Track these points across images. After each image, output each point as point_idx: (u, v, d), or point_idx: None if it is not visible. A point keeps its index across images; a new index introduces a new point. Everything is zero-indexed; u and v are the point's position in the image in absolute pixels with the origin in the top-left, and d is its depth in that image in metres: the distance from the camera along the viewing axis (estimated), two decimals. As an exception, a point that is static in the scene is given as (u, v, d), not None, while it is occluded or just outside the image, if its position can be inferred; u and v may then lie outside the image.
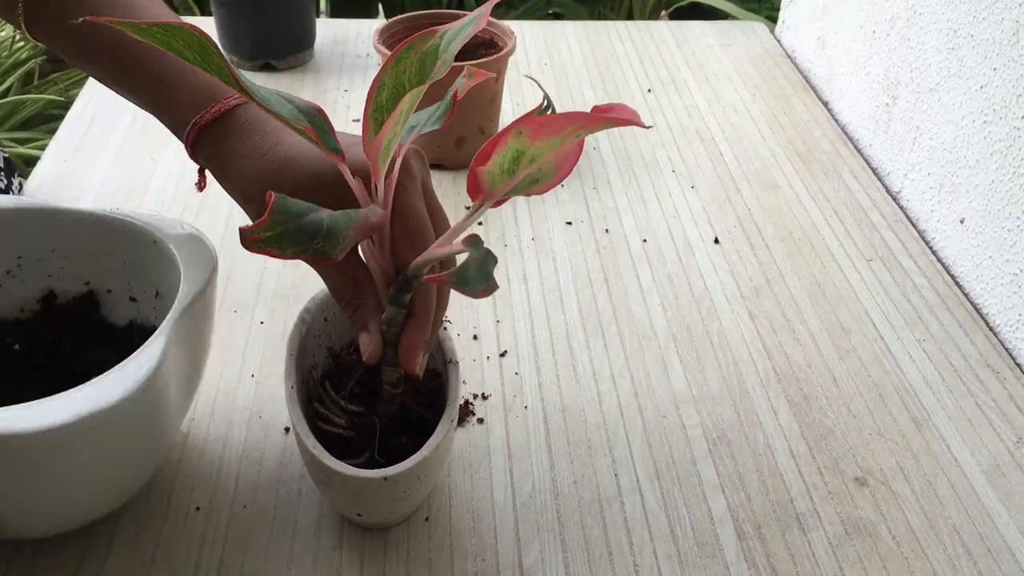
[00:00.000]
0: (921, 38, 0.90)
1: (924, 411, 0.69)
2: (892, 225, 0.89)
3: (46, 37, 0.60)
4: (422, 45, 0.46)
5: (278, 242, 0.41)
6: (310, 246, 0.42)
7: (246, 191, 0.54)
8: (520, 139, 0.42)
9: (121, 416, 0.47)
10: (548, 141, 0.42)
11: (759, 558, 0.58)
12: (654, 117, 1.06)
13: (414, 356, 0.51)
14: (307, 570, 0.56)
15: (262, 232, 0.40)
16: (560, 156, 0.44)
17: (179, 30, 0.41)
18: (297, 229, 0.41)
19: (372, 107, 0.46)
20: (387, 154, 0.46)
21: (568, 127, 0.41)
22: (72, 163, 0.94)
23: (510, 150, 0.43)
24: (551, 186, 0.46)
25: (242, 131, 0.55)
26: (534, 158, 0.43)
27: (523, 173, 0.44)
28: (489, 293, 0.44)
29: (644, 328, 0.76)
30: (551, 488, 0.62)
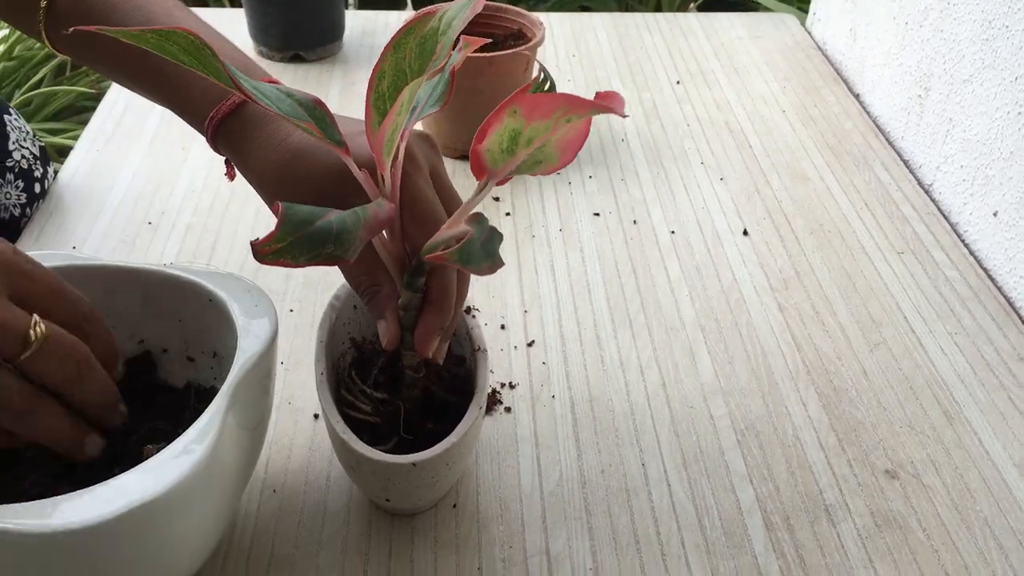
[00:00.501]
0: (955, 29, 0.89)
1: (956, 404, 0.68)
2: (924, 218, 0.88)
3: (67, 47, 0.62)
4: (421, 28, 0.45)
5: (291, 252, 0.41)
6: (322, 252, 0.41)
7: (262, 180, 0.55)
8: (516, 118, 0.42)
9: (172, 504, 0.44)
10: (542, 123, 0.42)
11: (787, 549, 0.58)
12: (683, 109, 1.06)
13: (429, 341, 0.51)
14: (336, 555, 0.57)
15: (274, 244, 0.40)
16: (563, 141, 0.44)
17: (171, 34, 0.41)
18: (308, 236, 0.41)
19: (374, 96, 0.46)
20: (391, 144, 0.45)
21: (558, 109, 0.41)
22: (105, 153, 0.95)
23: (507, 129, 0.42)
24: (555, 168, 0.45)
25: (257, 121, 0.56)
26: (531, 139, 0.42)
27: (522, 153, 0.43)
28: (494, 270, 0.44)
29: (672, 319, 0.76)
30: (578, 477, 0.62)
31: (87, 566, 0.44)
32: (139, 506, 0.42)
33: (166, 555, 0.48)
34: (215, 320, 0.55)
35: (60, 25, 0.61)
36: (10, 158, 0.81)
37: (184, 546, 0.49)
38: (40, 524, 0.41)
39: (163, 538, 0.46)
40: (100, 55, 0.60)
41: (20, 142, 0.82)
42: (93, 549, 0.43)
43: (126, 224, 0.84)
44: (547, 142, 0.43)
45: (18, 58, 1.67)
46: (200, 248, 0.81)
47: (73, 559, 0.43)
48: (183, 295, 0.56)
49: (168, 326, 0.58)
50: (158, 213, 0.86)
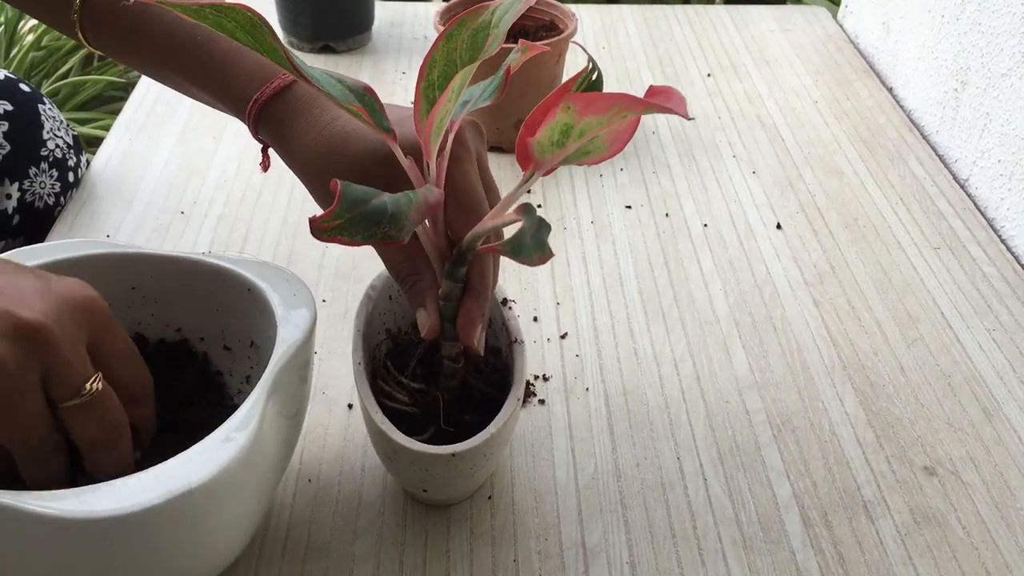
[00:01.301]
0: (993, 22, 0.88)
1: (995, 401, 0.68)
2: (960, 213, 0.87)
3: (101, 38, 0.62)
4: (473, 21, 0.46)
5: (348, 229, 0.41)
6: (377, 231, 0.42)
7: (306, 165, 0.55)
8: (569, 113, 0.42)
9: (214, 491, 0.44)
10: (596, 118, 0.42)
11: (826, 545, 0.57)
12: (714, 102, 1.05)
13: (472, 329, 0.51)
14: (372, 545, 0.57)
15: (332, 221, 0.40)
16: (613, 132, 0.44)
17: (230, 10, 0.41)
18: (363, 215, 0.41)
19: (424, 84, 0.46)
20: (439, 133, 0.46)
21: (614, 107, 0.41)
22: (137, 142, 0.95)
23: (559, 123, 0.42)
24: (604, 159, 0.45)
25: (301, 105, 0.55)
26: (583, 132, 0.42)
27: (573, 146, 0.43)
28: (545, 261, 0.44)
29: (706, 313, 0.75)
30: (613, 470, 0.62)
31: (129, 552, 0.44)
32: (182, 493, 0.43)
33: (206, 542, 0.48)
34: (253, 309, 0.55)
35: (96, 20, 0.61)
36: (44, 147, 0.81)
37: (224, 533, 0.49)
38: (84, 510, 0.41)
39: (204, 525, 0.46)
40: (139, 45, 0.60)
41: (54, 131, 0.82)
42: (135, 536, 0.43)
43: (159, 213, 0.84)
44: (598, 135, 0.42)
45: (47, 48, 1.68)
46: (232, 238, 0.82)
47: (115, 545, 0.44)
48: (222, 284, 0.56)
49: (206, 315, 0.58)
50: (190, 203, 0.86)
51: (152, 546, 0.44)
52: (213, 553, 0.50)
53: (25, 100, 0.81)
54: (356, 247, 0.42)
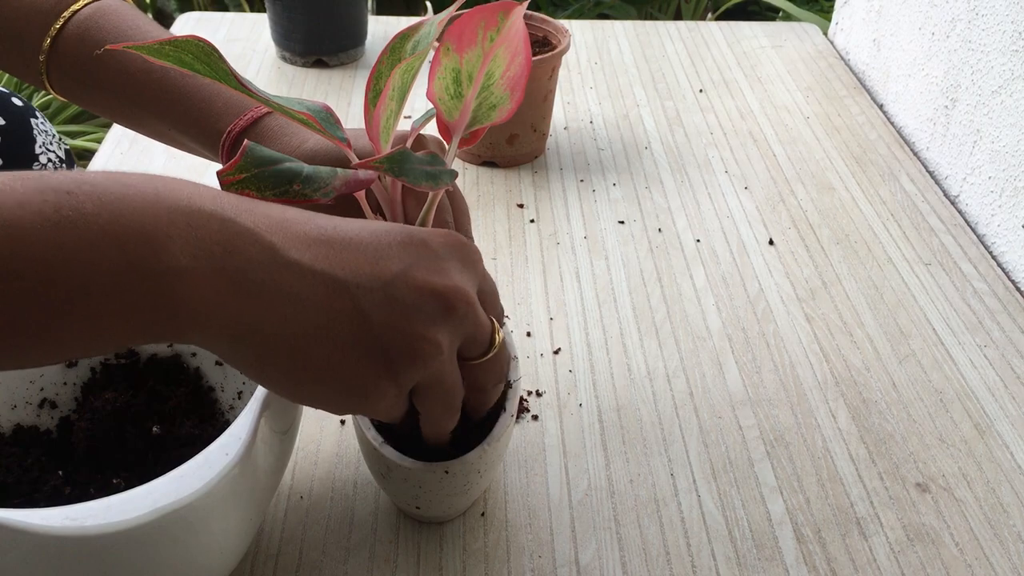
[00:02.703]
0: (983, 40, 0.89)
1: (987, 418, 0.68)
2: (951, 229, 0.88)
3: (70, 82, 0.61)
4: (414, 34, 0.48)
5: (254, 183, 0.42)
6: (289, 189, 0.42)
7: None
8: (450, 55, 0.43)
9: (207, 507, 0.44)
10: (474, 50, 0.43)
11: (819, 562, 0.57)
12: (706, 118, 1.06)
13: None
14: (364, 562, 0.56)
15: (236, 174, 0.42)
16: (509, 80, 0.46)
17: (186, 43, 0.42)
18: (273, 173, 0.43)
19: (371, 94, 0.47)
20: (387, 131, 0.47)
21: (479, 25, 0.42)
22: (128, 156, 0.95)
23: (447, 70, 0.44)
24: (511, 111, 0.47)
25: (272, 134, 0.56)
26: (471, 75, 0.44)
27: (471, 95, 0.45)
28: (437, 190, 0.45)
29: (699, 328, 0.75)
30: (607, 486, 0.62)
31: (120, 569, 0.44)
32: (174, 510, 0.42)
33: (198, 559, 0.48)
34: None
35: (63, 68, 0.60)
36: (37, 162, 0.81)
37: (216, 550, 0.49)
38: (75, 526, 0.41)
39: (196, 541, 0.46)
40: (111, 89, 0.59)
41: (47, 146, 0.82)
42: (126, 552, 0.43)
43: (151, 227, 0.84)
44: (491, 81, 0.44)
45: (38, 61, 1.68)
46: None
47: (106, 562, 0.43)
48: None
49: None
50: (182, 217, 0.85)
51: (143, 563, 0.44)
52: (204, 570, 0.49)
53: (17, 114, 0.80)
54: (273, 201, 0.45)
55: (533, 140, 0.95)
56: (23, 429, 0.57)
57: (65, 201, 0.34)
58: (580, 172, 0.95)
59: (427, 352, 0.41)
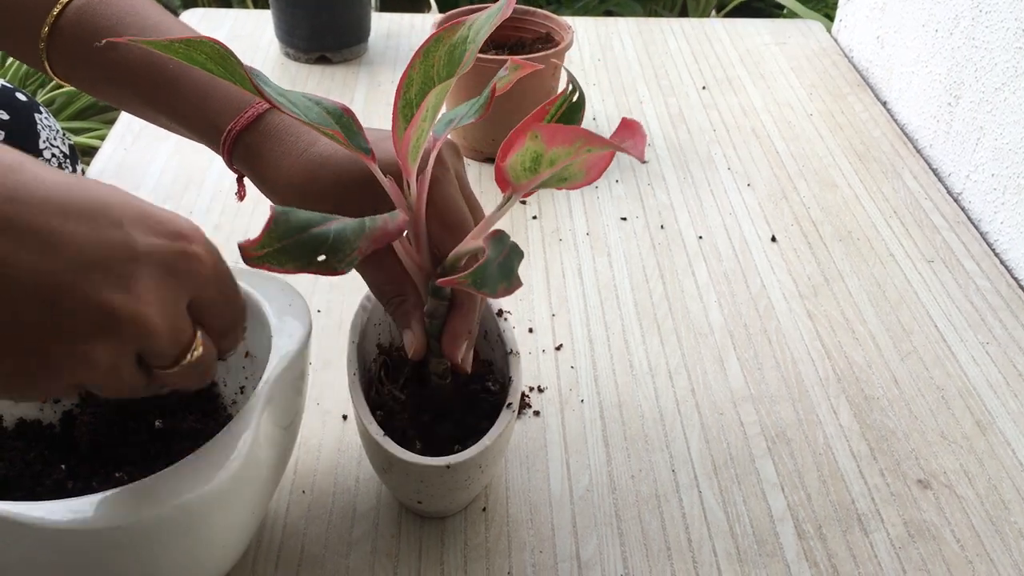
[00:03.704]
0: (986, 37, 0.89)
1: (988, 414, 0.68)
2: (954, 226, 0.88)
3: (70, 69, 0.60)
4: (450, 37, 0.45)
5: (276, 258, 0.39)
6: (313, 260, 0.40)
7: (283, 193, 0.54)
8: (536, 142, 0.41)
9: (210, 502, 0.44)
10: (563, 149, 0.41)
11: (820, 558, 0.57)
12: (709, 115, 1.06)
13: (457, 346, 0.51)
14: (366, 556, 0.56)
15: (260, 249, 0.39)
16: (588, 161, 0.43)
17: (200, 44, 0.41)
18: (297, 244, 0.40)
19: (401, 103, 0.45)
20: (417, 150, 0.45)
21: (578, 141, 0.40)
22: (132, 152, 0.95)
23: (528, 151, 0.42)
24: (581, 185, 0.44)
25: (277, 133, 0.54)
26: (553, 160, 0.42)
27: (546, 172, 0.43)
28: (510, 292, 0.43)
29: (701, 325, 0.75)
30: (608, 482, 0.62)
31: (122, 564, 0.44)
32: (176, 505, 0.43)
33: (200, 553, 0.48)
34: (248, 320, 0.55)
35: (62, 54, 0.60)
36: (41, 157, 0.81)
37: (218, 544, 0.49)
38: (78, 521, 0.41)
39: (198, 536, 0.46)
40: (110, 78, 0.59)
41: (51, 141, 0.82)
42: (129, 547, 0.43)
43: (154, 223, 0.84)
44: (571, 163, 0.42)
45: (42, 57, 1.68)
46: (228, 248, 0.81)
47: (109, 556, 0.43)
48: None
49: None
50: (186, 212, 0.86)
51: (146, 557, 0.44)
52: (207, 564, 0.50)
53: (22, 109, 0.81)
54: None
55: (536, 137, 0.95)
56: (26, 423, 0.57)
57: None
58: (583, 169, 0.95)
59: (70, 365, 0.38)
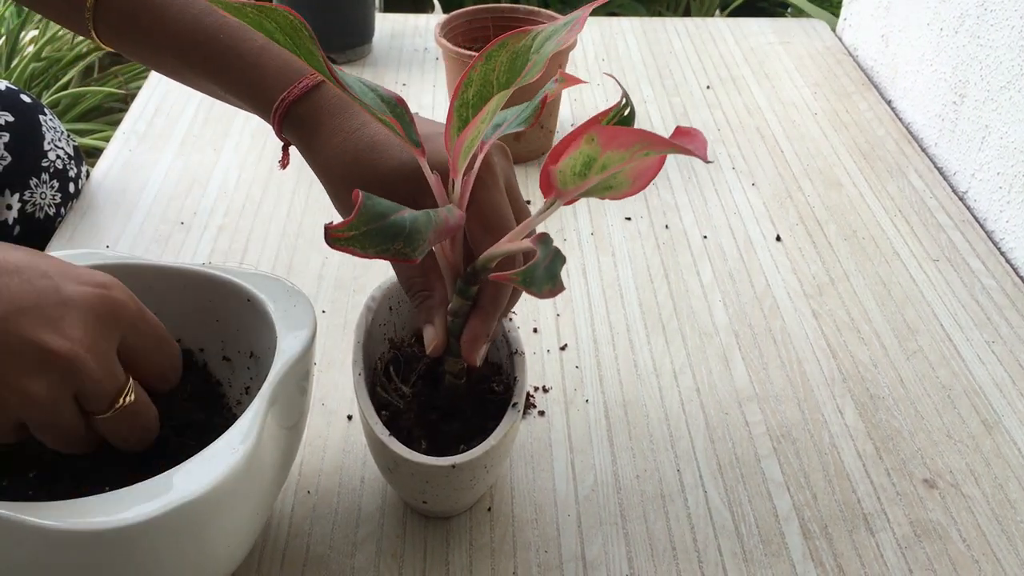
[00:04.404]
0: (991, 35, 0.89)
1: (994, 414, 0.68)
2: (959, 225, 0.87)
3: (116, 37, 0.61)
4: (514, 44, 0.46)
5: (361, 242, 0.41)
6: (391, 247, 0.41)
7: (329, 168, 0.55)
8: (592, 145, 0.41)
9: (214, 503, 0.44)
10: (618, 153, 0.41)
11: (826, 558, 0.57)
12: (713, 114, 1.06)
13: (476, 347, 0.51)
14: (371, 556, 0.56)
15: (347, 231, 0.40)
16: (637, 169, 0.43)
17: (272, 11, 0.41)
18: (380, 230, 0.41)
19: (457, 103, 0.46)
20: (468, 152, 0.46)
21: (637, 143, 0.40)
22: (137, 152, 0.95)
23: (581, 154, 0.42)
24: (626, 195, 0.44)
25: (329, 108, 0.55)
26: (605, 166, 0.42)
27: (595, 178, 0.43)
28: (555, 294, 0.44)
29: (705, 324, 0.75)
30: (613, 482, 0.62)
31: (126, 565, 0.44)
32: (181, 505, 0.42)
33: (205, 554, 0.48)
34: (253, 320, 0.55)
35: (111, 18, 0.60)
36: (45, 158, 0.81)
37: (222, 545, 0.49)
38: (82, 522, 0.41)
39: (203, 537, 0.46)
40: (158, 43, 0.59)
41: (55, 142, 0.83)
42: (133, 548, 0.43)
43: (159, 224, 0.84)
44: (621, 170, 0.42)
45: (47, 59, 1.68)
46: (232, 249, 0.82)
47: (113, 558, 0.43)
48: (221, 295, 0.56)
49: (205, 325, 0.58)
50: (190, 213, 0.86)
51: (150, 558, 0.44)
52: (211, 565, 0.50)
53: (26, 111, 0.81)
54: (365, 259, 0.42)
55: (540, 137, 0.95)
56: None
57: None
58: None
59: (12, 403, 0.41)
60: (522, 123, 0.48)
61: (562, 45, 0.46)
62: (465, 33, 0.96)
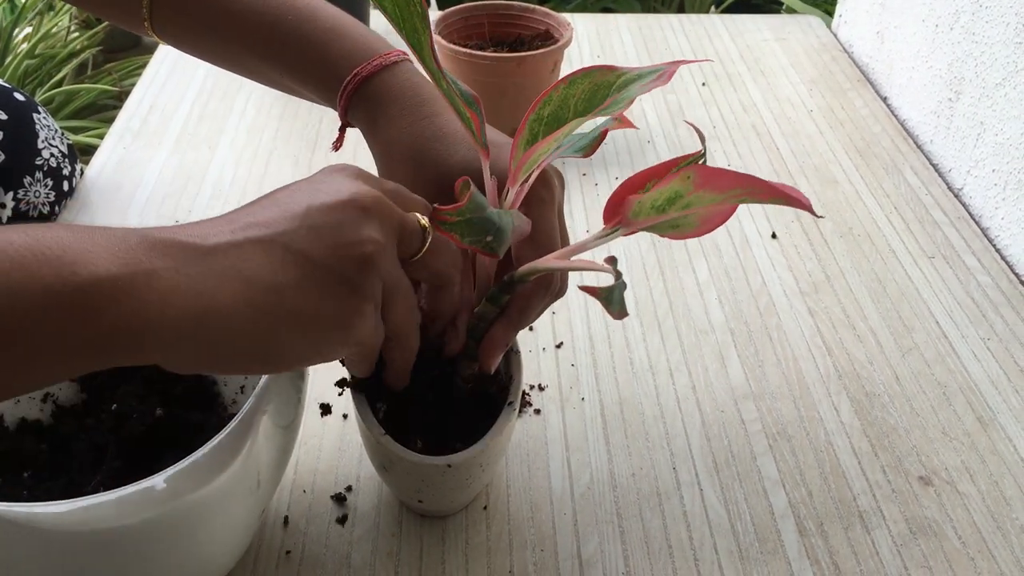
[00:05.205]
0: (986, 32, 0.89)
1: (990, 410, 0.68)
2: (954, 222, 0.88)
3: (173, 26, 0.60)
4: (599, 77, 0.47)
5: (463, 228, 0.42)
6: (483, 239, 0.43)
7: (391, 147, 0.54)
8: (686, 183, 0.40)
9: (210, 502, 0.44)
10: (711, 194, 0.40)
11: (822, 555, 0.57)
12: (709, 111, 1.06)
13: (495, 353, 0.52)
14: (367, 556, 0.56)
15: (455, 216, 0.41)
16: (712, 212, 0.42)
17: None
18: (480, 220, 0.42)
19: (532, 117, 0.46)
20: (531, 167, 0.46)
21: (737, 188, 0.39)
22: (131, 150, 0.95)
23: (671, 190, 0.41)
24: (689, 236, 0.44)
25: (402, 90, 0.55)
26: (689, 205, 0.41)
27: (672, 215, 0.42)
28: (623, 316, 0.44)
29: (701, 322, 0.75)
30: (609, 480, 0.62)
31: (122, 564, 0.44)
32: (177, 505, 0.43)
33: (201, 553, 0.48)
34: None
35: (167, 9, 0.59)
36: (39, 156, 0.81)
37: (219, 545, 0.49)
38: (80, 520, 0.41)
39: (199, 537, 0.46)
40: (219, 28, 0.58)
41: (49, 140, 0.82)
42: (131, 546, 0.43)
43: (154, 222, 0.84)
44: (696, 212, 0.41)
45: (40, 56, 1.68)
46: (227, 247, 0.81)
47: (110, 555, 0.43)
48: None
49: None
50: (185, 211, 0.86)
51: (146, 557, 0.44)
52: (208, 565, 0.50)
53: (20, 109, 0.80)
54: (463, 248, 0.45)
55: (535, 134, 0.95)
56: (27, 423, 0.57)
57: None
58: (582, 166, 0.95)
59: (370, 251, 0.42)
60: (579, 151, 0.49)
61: (646, 91, 0.46)
62: (461, 30, 0.96)
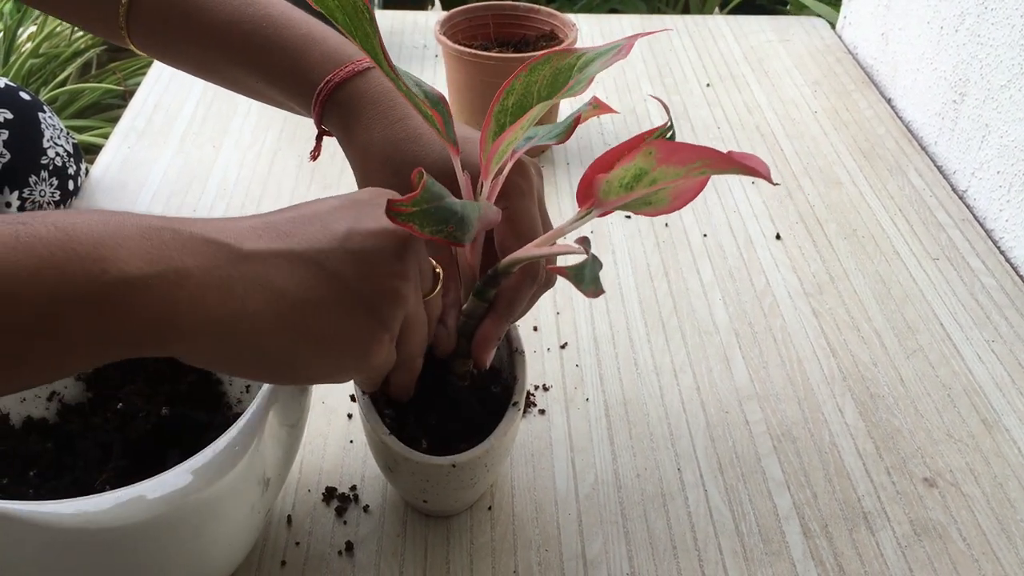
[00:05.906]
0: (992, 34, 0.89)
1: (994, 412, 0.68)
2: (959, 224, 0.87)
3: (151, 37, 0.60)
4: (558, 61, 0.47)
5: (420, 218, 0.42)
6: (444, 229, 0.43)
7: (367, 152, 0.54)
8: (648, 159, 0.41)
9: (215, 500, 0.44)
10: (673, 169, 0.41)
11: (826, 556, 0.57)
12: (713, 112, 1.06)
13: (488, 349, 0.52)
14: (371, 555, 0.56)
15: (410, 206, 0.41)
16: (680, 188, 0.43)
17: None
18: (438, 209, 0.42)
19: (497, 108, 0.47)
20: (501, 157, 0.46)
21: (697, 160, 0.40)
22: (136, 149, 0.95)
23: (635, 167, 0.41)
24: (663, 212, 0.44)
25: (374, 95, 0.55)
26: (655, 180, 0.41)
27: (640, 192, 0.42)
28: (598, 294, 0.44)
29: (706, 323, 0.75)
30: (613, 480, 0.62)
31: (127, 562, 0.44)
32: (182, 503, 0.43)
33: (205, 552, 0.48)
34: None
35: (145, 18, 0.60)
36: (45, 156, 0.81)
37: (223, 544, 0.49)
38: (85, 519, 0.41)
39: (205, 535, 0.46)
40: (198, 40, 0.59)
41: (54, 140, 0.82)
42: (134, 546, 0.43)
43: (158, 221, 0.84)
44: (666, 188, 0.42)
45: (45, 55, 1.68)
46: (232, 246, 0.81)
47: (114, 555, 0.43)
48: None
49: None
50: (190, 210, 0.86)
51: (151, 556, 0.44)
52: (212, 563, 0.50)
53: (25, 108, 0.81)
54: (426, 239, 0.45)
55: (540, 134, 0.95)
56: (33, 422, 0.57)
57: (22, 229, 0.34)
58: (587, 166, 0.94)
59: (401, 289, 0.42)
60: (553, 138, 0.49)
61: (607, 67, 0.46)
62: (465, 31, 0.96)
